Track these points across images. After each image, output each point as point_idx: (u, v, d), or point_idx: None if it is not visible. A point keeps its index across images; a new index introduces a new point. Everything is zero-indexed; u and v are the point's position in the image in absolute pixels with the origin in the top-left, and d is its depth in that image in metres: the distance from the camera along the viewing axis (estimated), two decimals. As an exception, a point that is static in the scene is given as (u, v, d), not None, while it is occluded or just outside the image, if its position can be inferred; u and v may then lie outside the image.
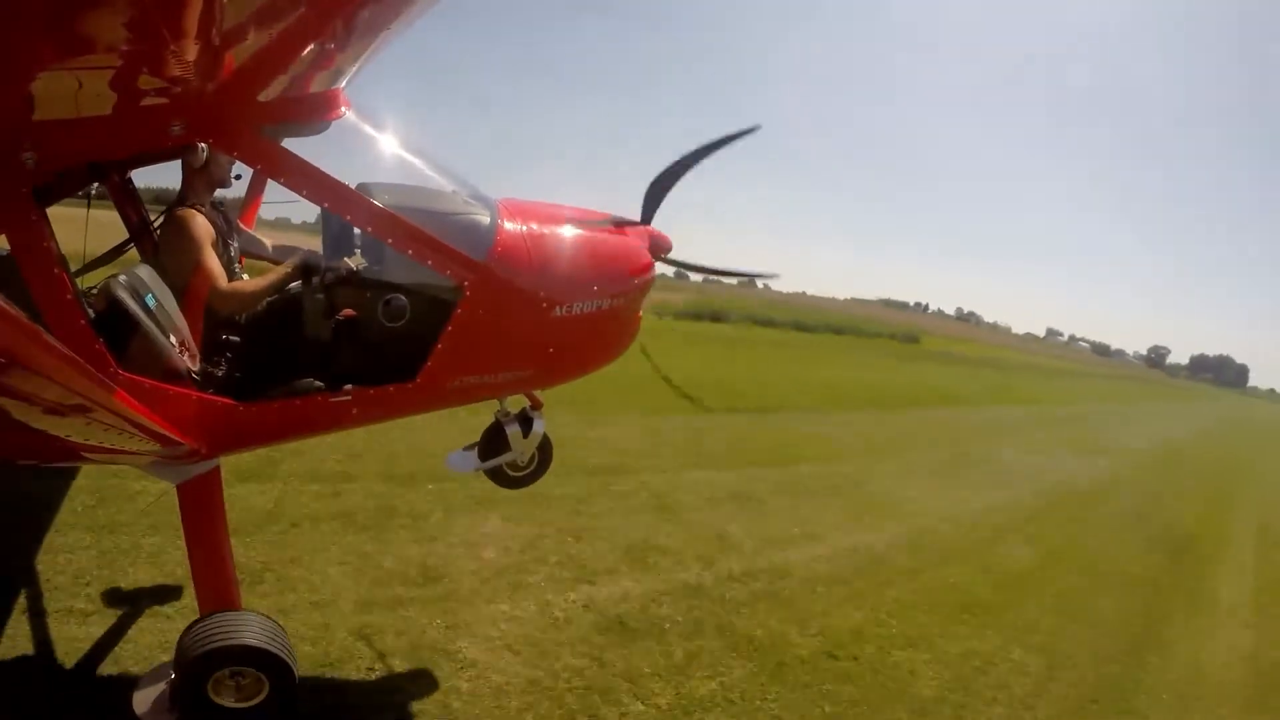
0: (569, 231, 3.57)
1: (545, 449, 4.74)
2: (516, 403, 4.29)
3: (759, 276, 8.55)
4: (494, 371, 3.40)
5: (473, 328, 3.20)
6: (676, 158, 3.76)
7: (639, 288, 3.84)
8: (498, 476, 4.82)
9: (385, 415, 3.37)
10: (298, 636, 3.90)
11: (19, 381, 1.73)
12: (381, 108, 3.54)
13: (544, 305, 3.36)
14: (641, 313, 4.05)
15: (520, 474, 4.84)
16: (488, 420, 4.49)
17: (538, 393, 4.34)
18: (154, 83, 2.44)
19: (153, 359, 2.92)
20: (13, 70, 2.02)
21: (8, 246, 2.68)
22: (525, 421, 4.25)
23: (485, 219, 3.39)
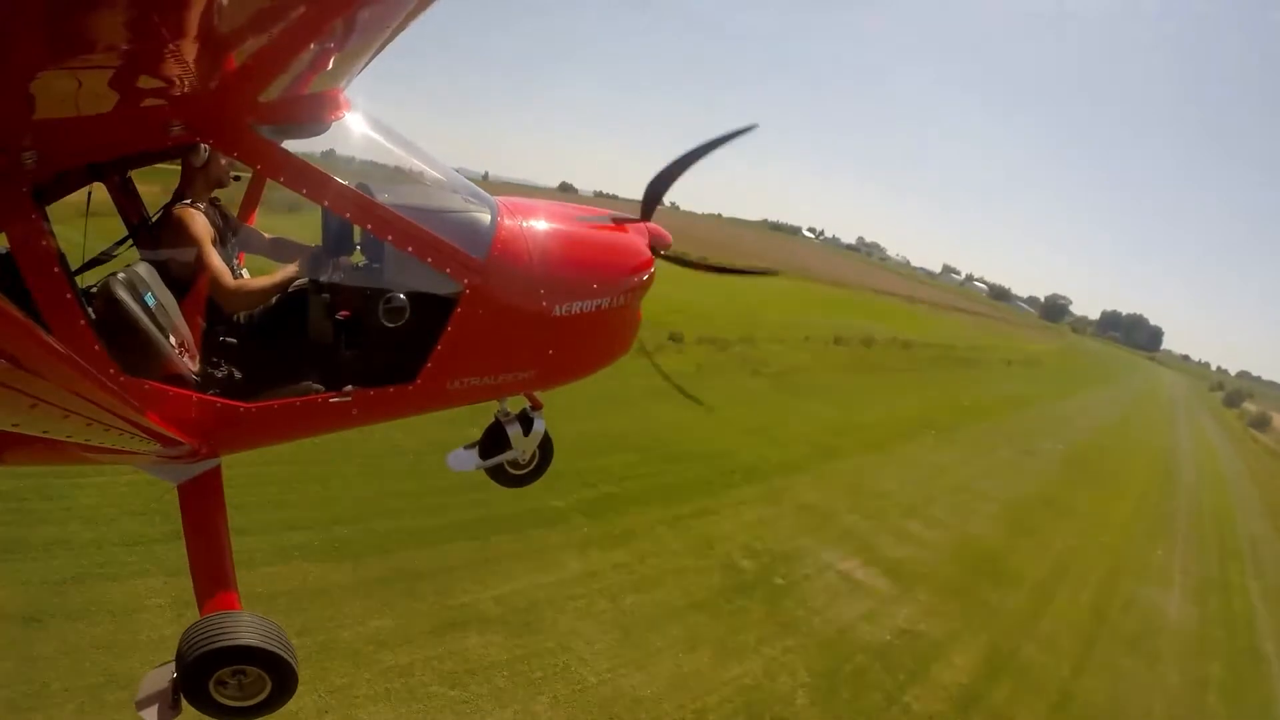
0: (569, 229, 3.56)
1: (545, 447, 4.74)
2: (517, 403, 4.29)
3: (760, 273, 7.74)
4: (494, 372, 3.39)
5: (472, 328, 3.19)
6: (675, 157, 3.75)
7: (640, 285, 3.83)
8: (498, 475, 4.83)
9: (385, 416, 3.37)
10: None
11: (19, 382, 1.72)
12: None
13: (544, 304, 3.35)
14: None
15: (521, 472, 4.85)
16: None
17: (537, 393, 4.34)
18: (154, 83, 2.43)
19: (152, 358, 2.92)
20: (13, 70, 2.01)
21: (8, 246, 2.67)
22: (525, 421, 4.25)
23: (485, 217, 3.38)
